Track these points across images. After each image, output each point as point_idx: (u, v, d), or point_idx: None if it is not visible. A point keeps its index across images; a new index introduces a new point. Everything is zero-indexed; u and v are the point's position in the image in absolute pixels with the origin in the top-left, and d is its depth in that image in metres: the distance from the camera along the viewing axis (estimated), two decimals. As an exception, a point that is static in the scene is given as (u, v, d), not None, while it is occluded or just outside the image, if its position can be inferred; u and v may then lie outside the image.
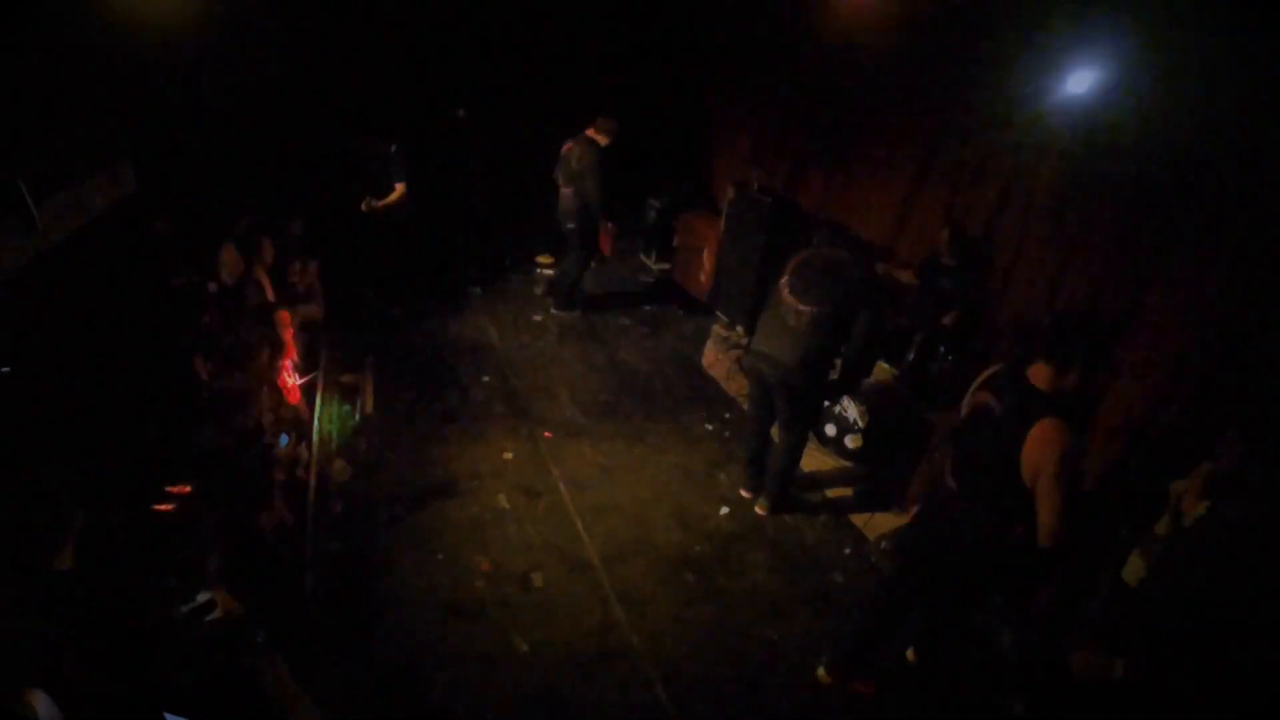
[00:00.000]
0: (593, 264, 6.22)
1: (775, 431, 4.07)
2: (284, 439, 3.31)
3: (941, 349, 4.51)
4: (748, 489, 4.25)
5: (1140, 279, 3.82)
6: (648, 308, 6.44)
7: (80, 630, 1.97)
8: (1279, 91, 3.14)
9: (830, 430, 4.66)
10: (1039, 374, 2.24)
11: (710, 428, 4.94)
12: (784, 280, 3.63)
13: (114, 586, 2.12)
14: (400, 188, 5.49)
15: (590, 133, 5.46)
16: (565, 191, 5.63)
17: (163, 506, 2.55)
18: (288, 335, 3.99)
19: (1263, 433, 2.60)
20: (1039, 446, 2.11)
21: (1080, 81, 3.76)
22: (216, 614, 2.26)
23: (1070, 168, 4.11)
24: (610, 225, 6.08)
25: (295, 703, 2.35)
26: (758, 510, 4.15)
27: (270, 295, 4.25)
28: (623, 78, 6.82)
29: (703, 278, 6.49)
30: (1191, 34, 3.39)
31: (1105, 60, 3.68)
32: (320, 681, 2.86)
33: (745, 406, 5.19)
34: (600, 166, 5.39)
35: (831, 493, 4.41)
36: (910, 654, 3.36)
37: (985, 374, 2.49)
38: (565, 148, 5.57)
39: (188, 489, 2.64)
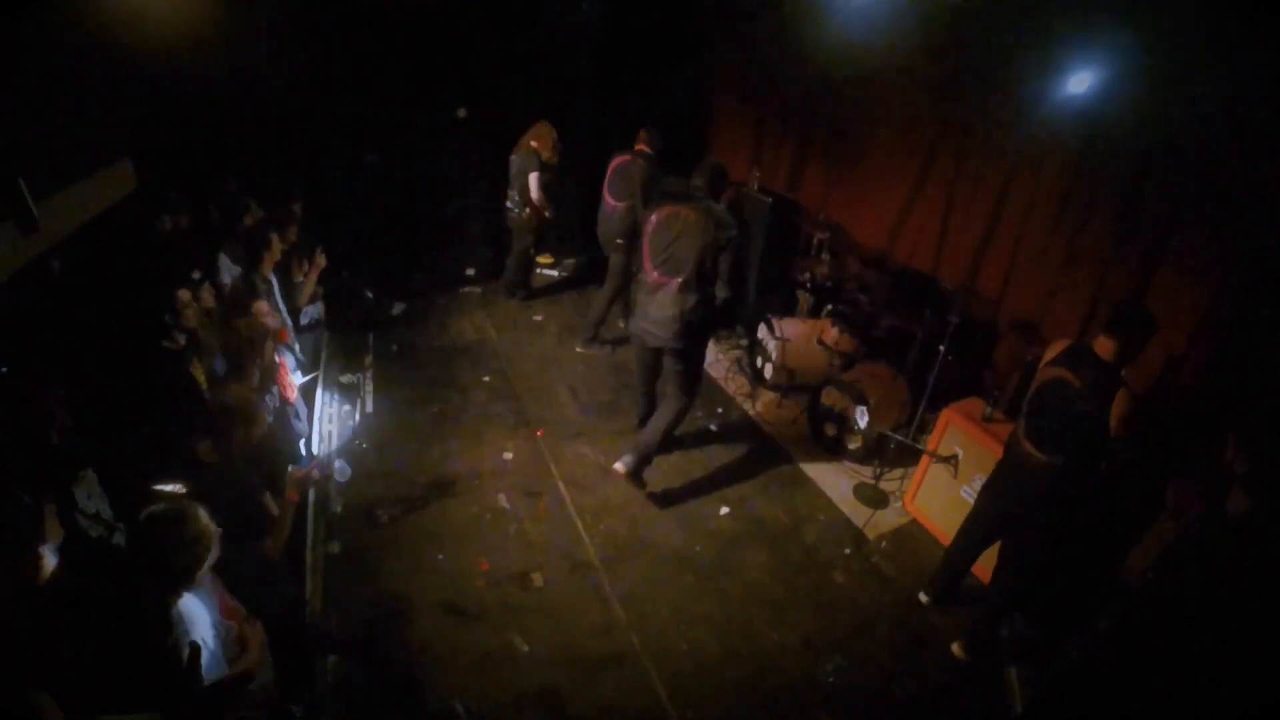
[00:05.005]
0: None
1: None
2: (306, 461, 3.19)
3: (941, 349, 4.51)
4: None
5: (1139, 279, 3.83)
6: (648, 308, 6.44)
7: (75, 634, 1.96)
8: (1277, 89, 3.15)
9: (830, 430, 4.67)
10: (1104, 347, 2.77)
11: (713, 428, 4.94)
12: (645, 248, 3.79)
13: (105, 591, 2.11)
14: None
15: (641, 146, 5.27)
16: (619, 206, 5.33)
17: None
18: (268, 324, 3.93)
19: (1263, 433, 2.60)
20: (1120, 407, 2.73)
21: (1080, 81, 3.76)
22: (254, 685, 2.23)
23: (1069, 169, 4.11)
24: None
25: None
26: (616, 467, 3.99)
27: (278, 294, 4.24)
28: (623, 77, 6.81)
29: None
30: (1189, 33, 3.39)
31: (1104, 60, 3.68)
32: (321, 683, 2.87)
33: (740, 404, 5.22)
34: (655, 180, 5.14)
35: (831, 493, 4.41)
36: (957, 649, 3.38)
37: (1054, 353, 2.95)
38: (616, 162, 5.35)
39: (182, 490, 2.61)
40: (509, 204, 5.93)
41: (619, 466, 3.98)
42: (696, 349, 3.95)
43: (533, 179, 5.65)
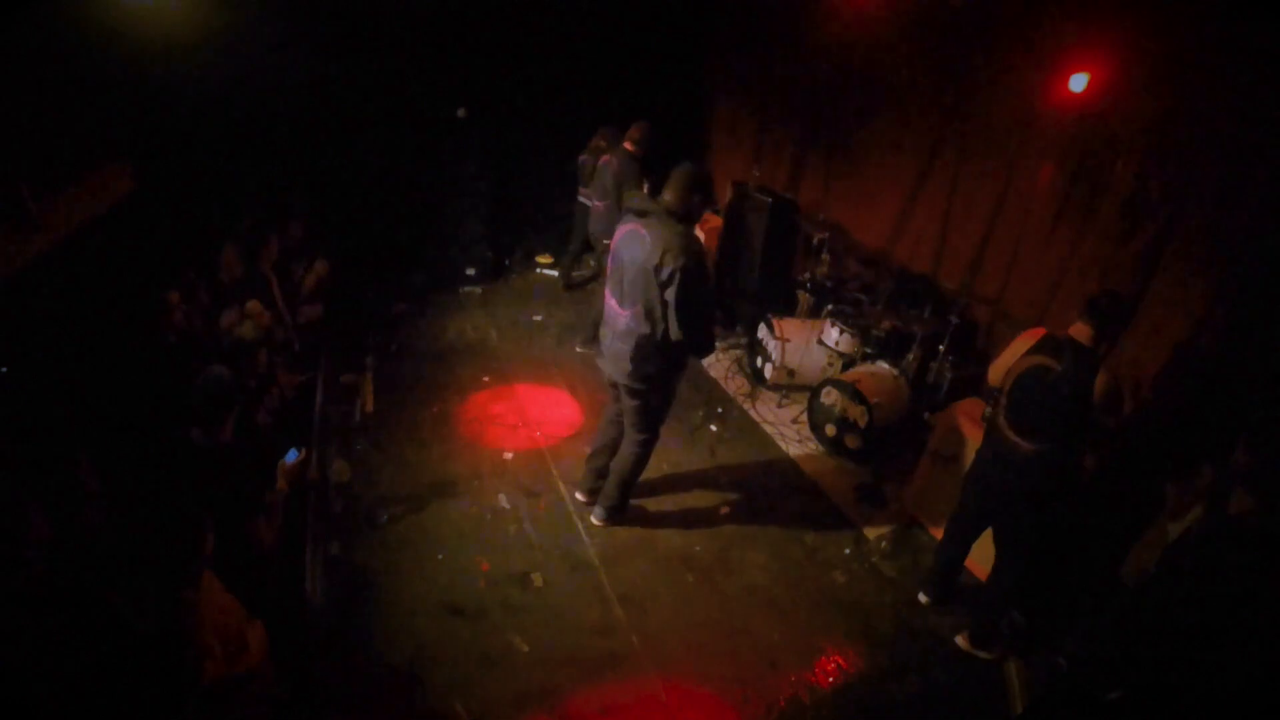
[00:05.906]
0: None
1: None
2: (293, 453, 3.10)
3: (941, 349, 4.51)
4: (584, 493, 4.02)
5: (1140, 279, 3.82)
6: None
7: (66, 627, 1.97)
8: (1276, 87, 3.15)
9: (830, 430, 4.67)
10: (1080, 332, 2.87)
11: (714, 428, 4.94)
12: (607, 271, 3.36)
13: (95, 582, 2.11)
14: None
15: (626, 143, 5.30)
16: (599, 206, 5.40)
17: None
18: (262, 322, 3.93)
19: (1267, 434, 2.61)
20: (1101, 387, 2.81)
21: (1079, 81, 3.76)
22: (254, 685, 2.23)
23: (1069, 169, 4.11)
24: None
25: None
26: (594, 521, 3.88)
27: (277, 292, 4.24)
28: (623, 77, 6.81)
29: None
30: (1189, 33, 3.39)
31: (1104, 59, 3.68)
32: (321, 682, 2.87)
33: (740, 404, 5.21)
34: (634, 179, 5.14)
35: (831, 493, 4.41)
36: (962, 640, 3.39)
37: (1027, 344, 3.02)
38: (602, 159, 5.41)
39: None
40: (581, 199, 6.13)
41: (595, 520, 3.90)
42: (655, 391, 3.44)
43: None
